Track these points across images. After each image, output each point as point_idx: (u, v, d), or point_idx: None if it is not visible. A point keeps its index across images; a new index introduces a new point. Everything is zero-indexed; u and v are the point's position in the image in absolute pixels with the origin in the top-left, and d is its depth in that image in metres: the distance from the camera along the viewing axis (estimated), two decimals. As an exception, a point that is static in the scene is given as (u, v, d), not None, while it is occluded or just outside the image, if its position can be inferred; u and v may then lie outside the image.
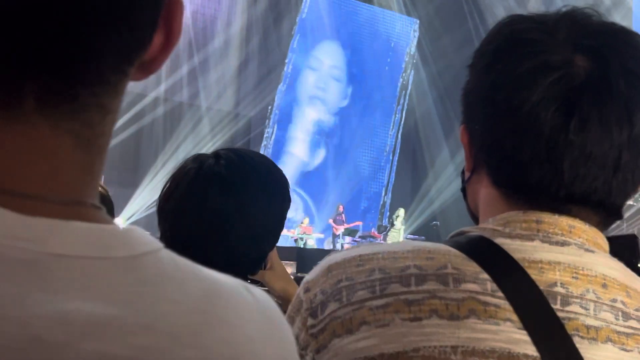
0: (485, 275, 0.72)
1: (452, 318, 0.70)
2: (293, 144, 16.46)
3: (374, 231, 15.32)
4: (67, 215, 0.43)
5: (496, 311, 0.71)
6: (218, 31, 14.79)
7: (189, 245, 1.19)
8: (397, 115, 17.92)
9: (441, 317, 0.70)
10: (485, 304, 0.71)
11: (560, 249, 0.76)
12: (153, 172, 13.42)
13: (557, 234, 0.76)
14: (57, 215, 0.42)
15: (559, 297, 0.73)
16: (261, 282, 1.37)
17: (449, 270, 0.73)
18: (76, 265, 0.41)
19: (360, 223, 15.03)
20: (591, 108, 0.74)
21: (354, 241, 13.77)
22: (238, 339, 0.45)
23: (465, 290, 0.72)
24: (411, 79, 18.03)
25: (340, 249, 12.81)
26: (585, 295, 0.73)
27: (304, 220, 14.10)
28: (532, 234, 0.76)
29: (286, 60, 16.25)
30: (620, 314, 0.74)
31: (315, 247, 13.49)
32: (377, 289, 0.73)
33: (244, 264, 1.29)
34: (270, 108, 16.00)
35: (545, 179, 0.76)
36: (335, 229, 14.18)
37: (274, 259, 1.38)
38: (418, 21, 17.90)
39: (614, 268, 0.77)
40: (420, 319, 0.71)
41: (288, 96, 16.36)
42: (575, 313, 0.72)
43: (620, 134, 0.74)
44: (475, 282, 0.72)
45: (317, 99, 16.83)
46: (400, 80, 17.99)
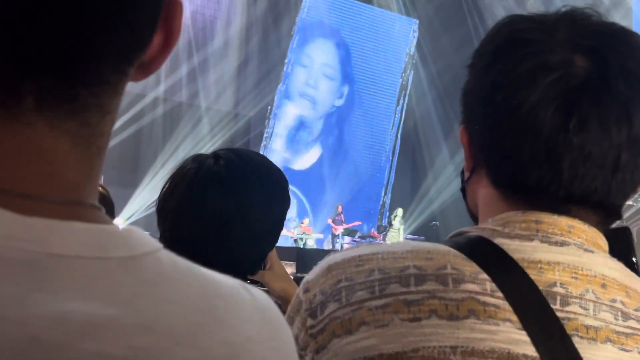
0: (484, 275, 0.72)
1: (452, 318, 0.70)
2: (276, 140, 16.32)
3: (374, 231, 15.32)
4: (67, 215, 0.43)
5: (495, 311, 0.71)
6: (217, 31, 14.78)
7: (188, 245, 1.19)
8: (397, 115, 17.90)
9: (440, 318, 0.70)
10: (484, 304, 0.71)
11: (560, 249, 0.76)
12: (152, 172, 13.40)
13: (557, 234, 0.76)
14: (57, 215, 0.42)
15: (559, 297, 0.73)
16: (261, 283, 1.36)
17: (449, 270, 0.73)
18: (75, 265, 0.41)
19: (359, 223, 15.01)
20: (590, 108, 0.74)
21: (354, 241, 13.76)
22: (237, 340, 0.45)
23: (465, 291, 0.72)
24: (411, 79, 18.02)
25: (340, 249, 12.81)
26: (584, 295, 0.74)
27: (304, 220, 14.09)
28: (532, 234, 0.76)
29: (286, 60, 16.22)
30: (619, 314, 0.74)
31: (315, 247, 13.48)
32: (377, 289, 0.73)
33: (244, 264, 1.29)
34: (269, 108, 15.97)
35: (545, 179, 0.76)
36: (334, 229, 14.17)
37: (273, 259, 1.37)
38: (417, 21, 17.88)
39: (614, 268, 0.77)
40: (420, 319, 0.71)
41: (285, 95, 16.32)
42: (575, 313, 0.72)
43: (619, 133, 0.74)
44: (474, 283, 0.72)
45: (307, 97, 16.65)
46: (400, 80, 17.98)
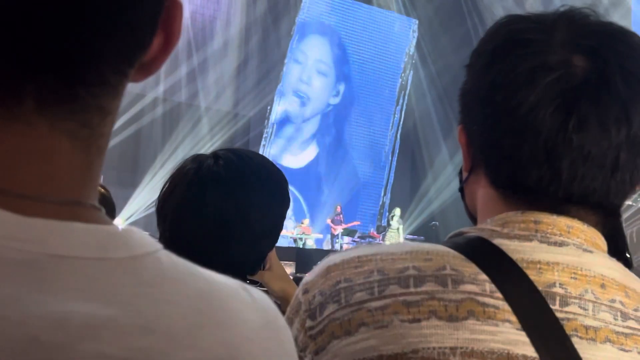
0: (483, 276, 0.72)
1: (451, 319, 0.70)
2: (276, 140, 16.22)
3: (373, 231, 15.32)
4: (66, 216, 0.43)
5: (495, 312, 0.71)
6: (217, 31, 14.76)
7: (188, 245, 1.19)
8: (396, 115, 17.89)
9: (440, 319, 0.70)
10: (484, 305, 0.71)
11: (559, 250, 0.76)
12: (152, 173, 13.39)
13: (556, 234, 0.76)
14: (56, 216, 0.42)
15: (558, 298, 0.73)
16: (260, 283, 1.36)
17: (448, 271, 0.73)
18: (75, 266, 0.41)
19: (358, 223, 15.00)
20: (590, 108, 0.74)
21: (353, 241, 13.76)
22: (236, 340, 0.45)
23: (464, 292, 0.71)
24: (410, 79, 18.01)
25: (339, 249, 12.81)
26: (583, 295, 0.73)
27: (304, 220, 14.07)
28: (531, 235, 0.76)
29: (285, 61, 16.21)
30: (618, 314, 0.74)
31: (315, 248, 13.47)
32: (376, 290, 0.73)
33: (243, 265, 1.29)
34: (269, 108, 15.95)
35: (544, 179, 0.76)
36: (333, 229, 14.16)
37: (273, 259, 1.37)
38: (417, 21, 17.87)
39: (613, 268, 0.77)
40: (419, 320, 0.70)
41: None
42: (574, 313, 0.72)
43: (618, 133, 0.74)
44: (473, 283, 0.72)
45: (300, 93, 16.49)
46: (399, 80, 17.97)
